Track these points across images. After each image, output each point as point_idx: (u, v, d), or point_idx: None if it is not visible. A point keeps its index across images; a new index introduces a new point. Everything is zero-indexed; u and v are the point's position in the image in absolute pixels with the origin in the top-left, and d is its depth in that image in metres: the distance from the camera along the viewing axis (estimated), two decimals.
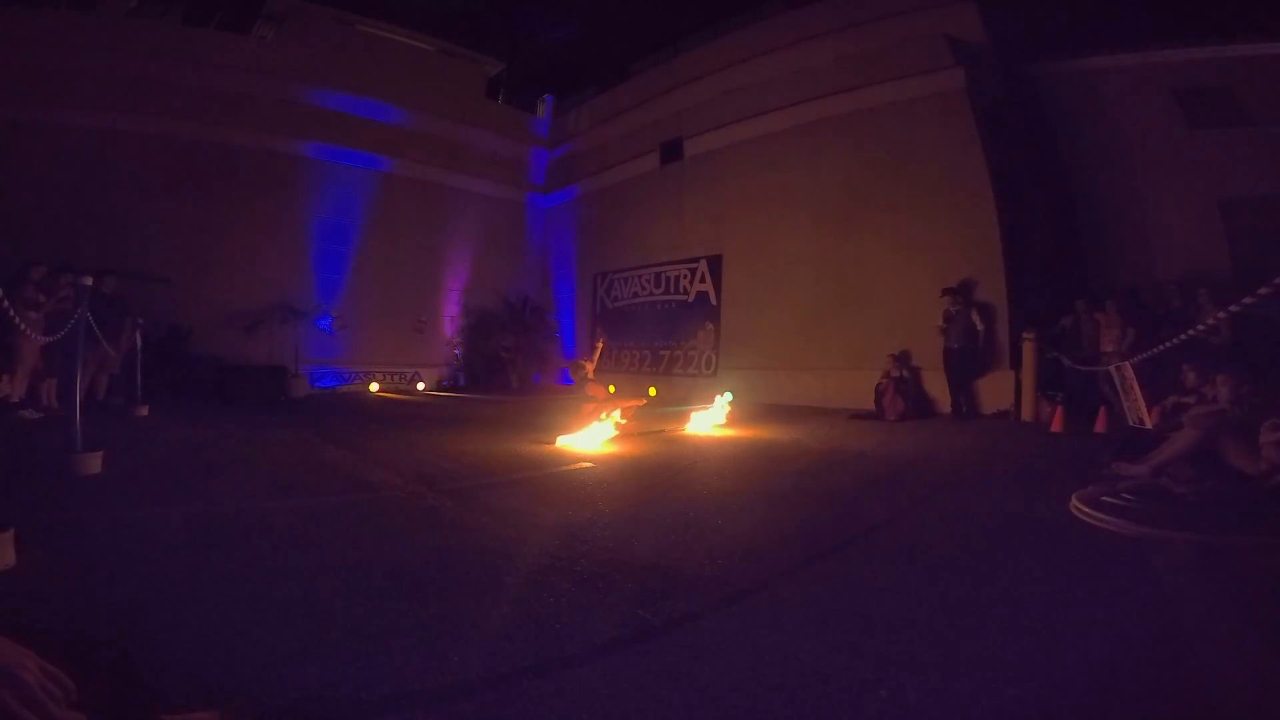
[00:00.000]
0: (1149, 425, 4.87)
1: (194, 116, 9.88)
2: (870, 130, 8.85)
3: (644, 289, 11.86)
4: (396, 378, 11.80)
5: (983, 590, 1.98)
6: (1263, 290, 2.36)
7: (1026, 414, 6.84)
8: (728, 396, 6.50)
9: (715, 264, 10.68)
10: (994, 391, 7.40)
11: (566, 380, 12.63)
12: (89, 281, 4.05)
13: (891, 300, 8.42)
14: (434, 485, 3.46)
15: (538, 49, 15.16)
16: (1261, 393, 3.57)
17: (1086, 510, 2.80)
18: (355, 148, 11.38)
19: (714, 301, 10.67)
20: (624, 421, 5.51)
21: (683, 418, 6.21)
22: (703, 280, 10.86)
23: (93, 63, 9.18)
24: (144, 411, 6.60)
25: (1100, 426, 5.82)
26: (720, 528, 2.76)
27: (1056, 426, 6.08)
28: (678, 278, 11.26)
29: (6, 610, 1.64)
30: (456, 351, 12.76)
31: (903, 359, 7.79)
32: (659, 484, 3.71)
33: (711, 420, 6.19)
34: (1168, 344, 3.80)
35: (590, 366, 6.14)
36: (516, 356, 12.22)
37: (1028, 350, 6.88)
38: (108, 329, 6.06)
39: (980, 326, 7.46)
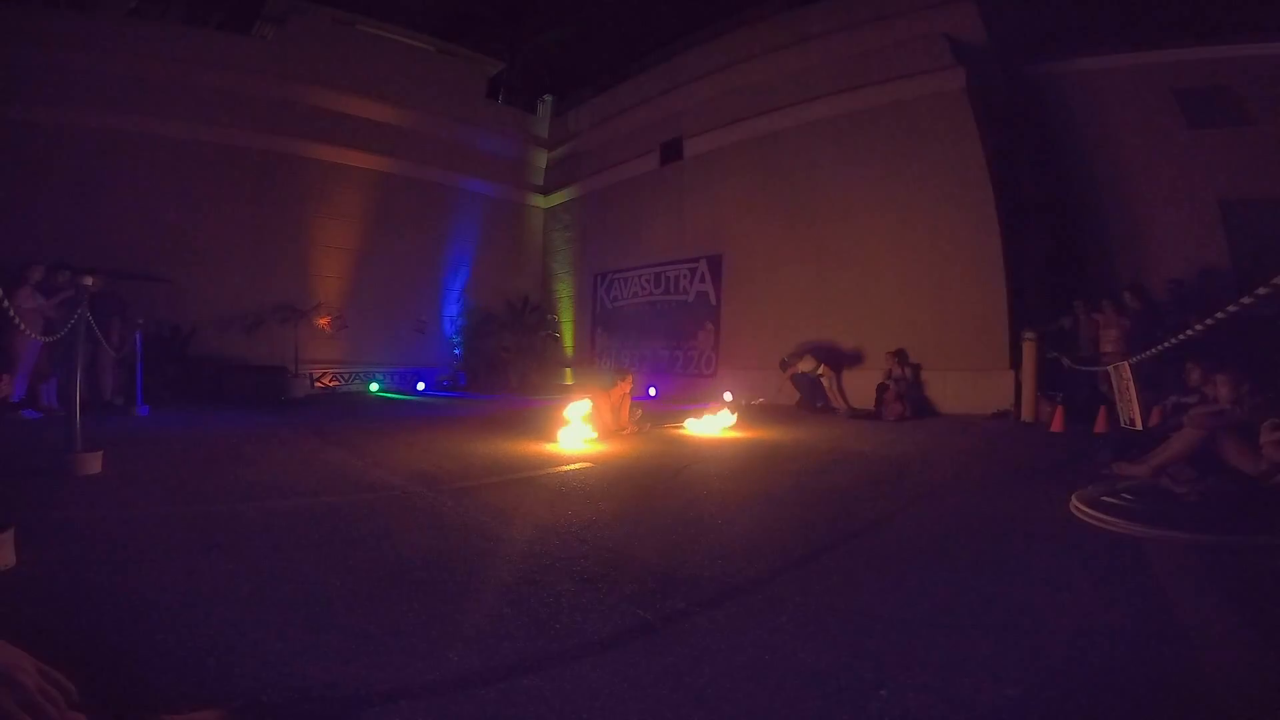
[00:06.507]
0: (1139, 426, 4.88)
1: (194, 116, 9.86)
2: (870, 130, 8.84)
3: (644, 289, 11.85)
4: (396, 378, 11.80)
5: (983, 590, 1.98)
6: (1262, 290, 2.36)
7: (1026, 414, 6.84)
8: (727, 396, 6.44)
9: (715, 264, 10.67)
10: (994, 391, 7.40)
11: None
12: (89, 282, 4.05)
13: (891, 300, 8.42)
14: (434, 485, 3.46)
15: (538, 49, 15.15)
16: (1261, 393, 3.57)
17: (1086, 510, 2.80)
18: (355, 148, 11.37)
19: (714, 301, 10.66)
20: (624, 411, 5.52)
21: (685, 417, 6.19)
22: (703, 280, 10.86)
23: (93, 63, 9.17)
24: (144, 411, 6.61)
25: (1100, 426, 5.82)
26: (720, 527, 2.76)
27: (1056, 426, 6.08)
28: (678, 278, 11.26)
29: (6, 610, 1.64)
30: (456, 351, 12.76)
31: (902, 357, 7.79)
32: (659, 484, 3.71)
33: (718, 426, 6.02)
34: (1167, 344, 3.80)
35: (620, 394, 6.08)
36: (516, 356, 12.21)
37: (1028, 350, 6.88)
38: (97, 326, 6.08)
39: (826, 384, 8.05)
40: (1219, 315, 2.78)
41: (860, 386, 7.91)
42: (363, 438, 5.50)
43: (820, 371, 8.09)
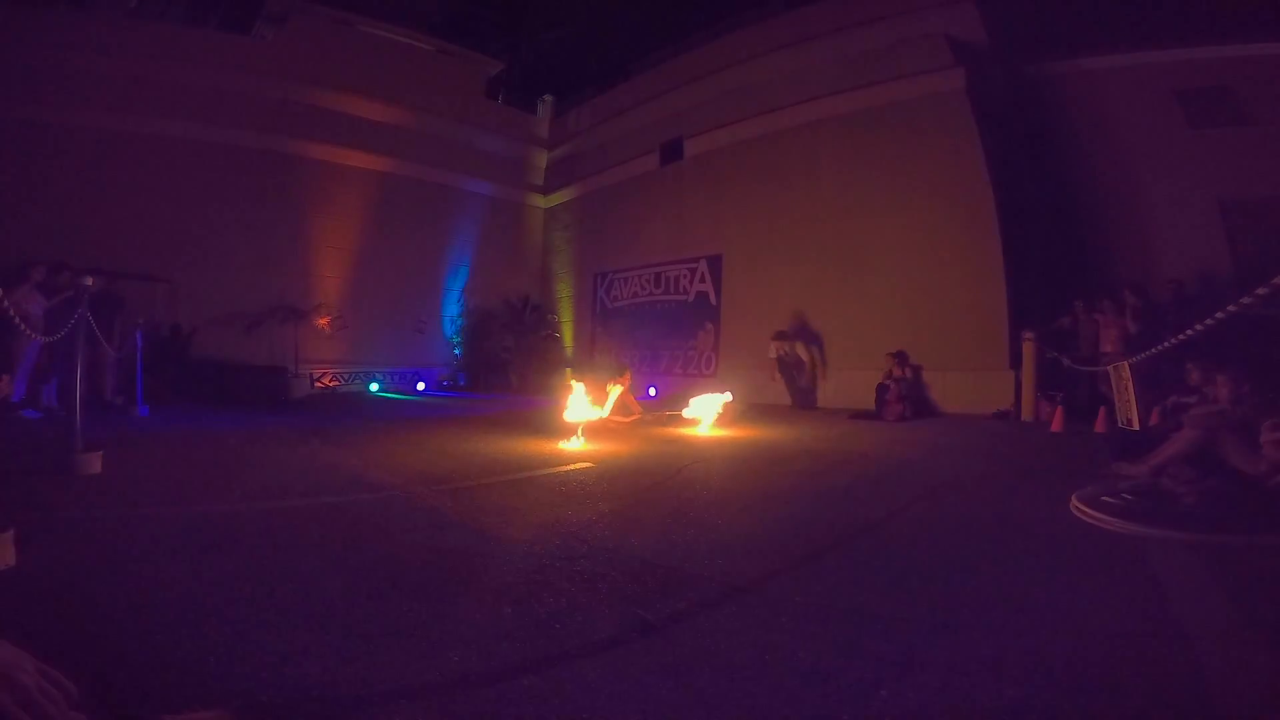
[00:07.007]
0: (1136, 426, 4.88)
1: (194, 117, 9.86)
2: (870, 130, 8.84)
3: (644, 289, 11.86)
4: (396, 378, 11.80)
5: (982, 590, 1.98)
6: (1262, 290, 2.35)
7: (1026, 414, 6.84)
8: (727, 397, 6.48)
9: (715, 264, 10.67)
10: (994, 391, 7.40)
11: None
12: (89, 282, 4.05)
13: (891, 300, 8.42)
14: (434, 485, 3.46)
15: (538, 49, 15.16)
16: (1261, 393, 3.57)
17: (1086, 510, 2.80)
18: (355, 148, 11.37)
19: (714, 301, 10.66)
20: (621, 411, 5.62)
21: (683, 407, 6.30)
22: (703, 280, 10.86)
23: (93, 63, 9.16)
24: (144, 411, 6.61)
25: (1100, 426, 5.82)
26: (720, 527, 2.76)
27: (1056, 426, 6.08)
28: (678, 278, 11.26)
29: (6, 610, 1.64)
30: (456, 351, 12.76)
31: (902, 358, 7.79)
32: (658, 484, 3.71)
33: (709, 411, 6.14)
34: (1167, 344, 3.79)
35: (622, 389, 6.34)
36: (516, 356, 12.21)
37: (1028, 350, 6.88)
38: (97, 326, 6.08)
39: (807, 358, 8.70)
40: (1219, 315, 2.78)
41: (861, 386, 7.91)
42: (363, 438, 5.50)
43: (780, 351, 8.48)
